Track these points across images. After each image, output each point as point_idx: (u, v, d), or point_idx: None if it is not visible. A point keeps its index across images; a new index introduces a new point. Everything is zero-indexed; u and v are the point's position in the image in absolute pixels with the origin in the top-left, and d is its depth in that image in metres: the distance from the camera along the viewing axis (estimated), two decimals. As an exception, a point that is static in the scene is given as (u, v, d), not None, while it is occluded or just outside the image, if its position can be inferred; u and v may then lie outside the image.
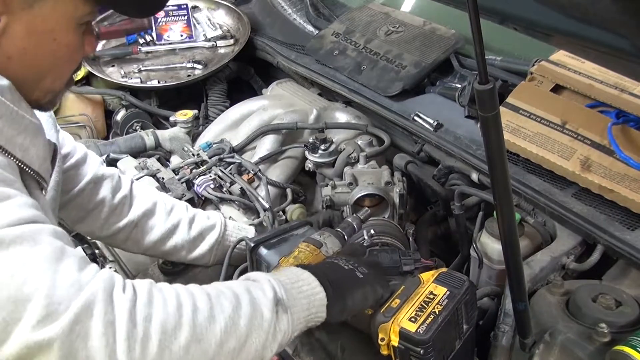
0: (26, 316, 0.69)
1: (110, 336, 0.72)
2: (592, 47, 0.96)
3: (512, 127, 1.45)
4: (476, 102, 0.83)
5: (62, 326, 0.69)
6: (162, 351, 0.74)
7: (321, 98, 2.03)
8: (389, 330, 0.99)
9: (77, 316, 0.70)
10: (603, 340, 1.06)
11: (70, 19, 0.95)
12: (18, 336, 0.69)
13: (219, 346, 0.80)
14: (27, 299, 0.70)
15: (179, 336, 0.76)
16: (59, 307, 0.70)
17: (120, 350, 0.72)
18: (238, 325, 0.83)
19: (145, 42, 2.37)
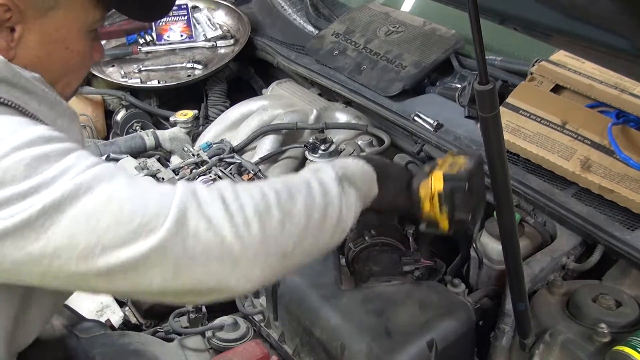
0: (131, 234, 0.73)
1: (215, 227, 0.76)
2: (592, 47, 0.96)
3: (512, 127, 1.45)
4: (476, 102, 0.83)
5: (168, 229, 0.73)
6: (263, 230, 0.79)
7: (321, 98, 2.03)
8: (430, 182, 1.05)
9: (178, 219, 0.74)
10: (603, 340, 1.06)
11: (81, 27, 0.98)
12: (129, 252, 0.73)
13: (307, 219, 0.84)
14: (128, 220, 0.73)
15: (272, 215, 0.80)
16: (158, 218, 0.74)
17: (229, 237, 0.76)
18: (315, 201, 0.87)
19: (145, 42, 2.36)
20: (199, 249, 0.75)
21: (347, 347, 1.12)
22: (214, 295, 0.80)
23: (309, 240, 0.86)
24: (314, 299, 1.22)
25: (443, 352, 1.12)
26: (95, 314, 1.54)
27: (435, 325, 1.14)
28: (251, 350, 1.23)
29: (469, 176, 1.03)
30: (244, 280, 0.79)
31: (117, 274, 0.74)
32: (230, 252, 0.76)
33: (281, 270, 0.84)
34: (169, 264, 0.74)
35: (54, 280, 0.76)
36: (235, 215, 0.78)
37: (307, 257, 0.88)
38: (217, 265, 0.76)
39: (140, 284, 0.76)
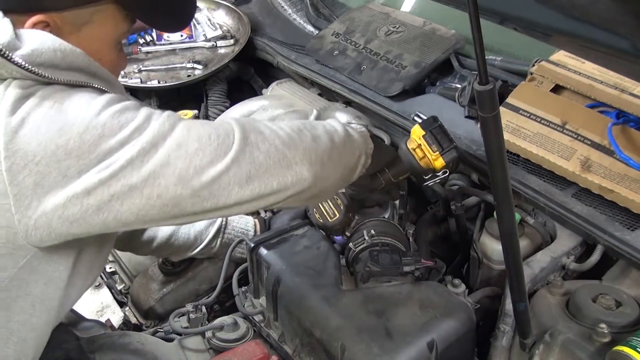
0: (214, 153, 0.90)
1: (268, 140, 0.96)
2: (592, 47, 0.96)
3: (512, 127, 1.45)
4: (476, 102, 0.83)
5: (238, 145, 0.92)
6: (303, 142, 1.00)
7: (321, 98, 2.03)
8: (411, 136, 1.31)
9: (242, 137, 0.93)
10: (603, 340, 1.06)
11: (112, 38, 1.08)
12: (215, 169, 0.90)
13: (330, 141, 1.06)
14: (208, 143, 0.90)
15: (305, 134, 1.02)
16: (228, 137, 0.93)
17: (280, 146, 0.97)
18: (331, 131, 1.08)
19: (145, 42, 2.36)
20: (262, 158, 0.94)
21: (347, 347, 1.12)
22: (276, 196, 0.97)
23: (336, 156, 1.06)
24: (314, 299, 1.22)
25: (443, 352, 1.12)
26: (95, 314, 1.54)
27: (436, 325, 1.14)
28: (251, 350, 1.24)
29: (435, 118, 1.32)
30: (297, 179, 0.97)
31: (205, 192, 0.89)
32: (284, 156, 0.96)
33: (322, 176, 1.02)
34: (243, 173, 0.92)
35: (150, 210, 0.88)
36: (278, 131, 0.99)
37: (338, 172, 1.08)
38: (276, 167, 0.95)
39: (222, 197, 0.91)
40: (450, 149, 1.27)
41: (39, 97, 0.88)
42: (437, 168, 1.29)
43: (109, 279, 1.67)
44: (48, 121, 0.86)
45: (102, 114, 0.87)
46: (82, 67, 0.94)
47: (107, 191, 0.85)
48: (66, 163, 0.85)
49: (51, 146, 0.85)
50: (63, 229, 0.88)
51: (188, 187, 0.88)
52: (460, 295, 1.24)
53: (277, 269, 1.29)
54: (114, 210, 0.87)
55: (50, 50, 0.91)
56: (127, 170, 0.85)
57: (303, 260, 1.31)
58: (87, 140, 0.85)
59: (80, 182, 0.85)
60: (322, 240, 1.37)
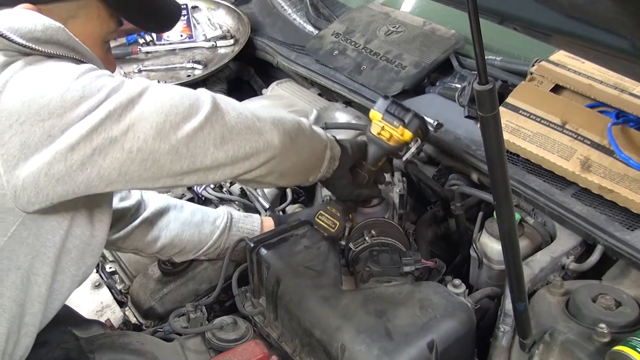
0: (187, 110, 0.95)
1: (237, 109, 1.02)
2: (592, 47, 0.96)
3: (511, 127, 1.45)
4: (476, 102, 0.83)
5: (210, 107, 0.97)
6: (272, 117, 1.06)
7: (321, 98, 2.03)
8: (373, 124, 1.37)
9: (212, 102, 0.99)
10: (603, 340, 1.06)
11: (97, 36, 1.14)
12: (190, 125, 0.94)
13: (298, 125, 1.12)
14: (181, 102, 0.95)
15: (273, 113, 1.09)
16: (199, 100, 0.97)
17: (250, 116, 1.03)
18: (297, 119, 1.14)
19: (145, 42, 2.37)
20: (233, 122, 0.99)
21: (347, 347, 1.12)
22: (249, 162, 1.02)
23: (303, 138, 1.12)
24: (314, 299, 1.22)
25: (443, 352, 1.12)
26: (95, 314, 1.54)
27: (436, 326, 1.14)
28: (251, 350, 1.23)
29: (385, 96, 1.38)
30: (267, 145, 1.03)
31: (182, 148, 0.93)
32: (253, 123, 1.02)
33: (291, 150, 1.09)
34: (217, 134, 0.96)
35: (131, 166, 0.91)
36: (247, 105, 1.05)
37: (305, 152, 1.14)
38: (247, 132, 1.00)
39: (198, 156, 0.95)
40: (412, 118, 1.33)
41: (21, 63, 0.92)
42: (407, 140, 1.35)
43: (109, 279, 1.67)
44: (30, 83, 0.90)
45: (81, 78, 0.92)
46: (61, 41, 0.98)
47: (90, 145, 0.88)
48: (50, 122, 0.88)
49: (34, 106, 0.88)
50: (49, 188, 0.90)
51: (166, 141, 0.92)
52: (460, 295, 1.24)
53: (277, 269, 1.29)
54: (97, 165, 0.90)
55: (30, 24, 0.95)
56: (107, 123, 0.89)
57: (303, 260, 1.31)
58: (68, 100, 0.89)
59: (64, 139, 0.88)
60: (322, 241, 1.37)
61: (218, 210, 1.52)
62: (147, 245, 1.45)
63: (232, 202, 1.68)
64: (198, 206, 1.54)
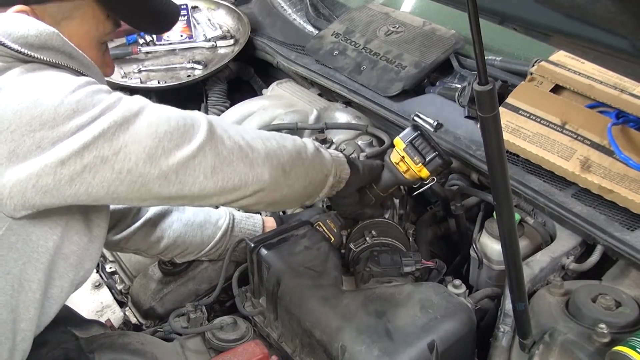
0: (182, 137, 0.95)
1: (233, 138, 1.01)
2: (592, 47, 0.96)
3: (511, 127, 1.45)
4: (476, 102, 0.83)
5: (205, 135, 0.97)
6: (266, 148, 1.05)
7: (321, 98, 2.03)
8: (394, 151, 1.34)
9: (209, 129, 0.98)
10: (603, 340, 1.06)
11: (93, 37, 1.12)
12: (182, 153, 0.94)
13: (297, 153, 1.11)
14: (176, 127, 0.95)
15: (271, 141, 1.08)
16: (195, 127, 0.97)
17: (244, 146, 1.02)
18: (300, 144, 1.14)
19: (145, 43, 2.37)
20: (225, 152, 0.98)
21: (348, 348, 1.12)
22: (236, 193, 1.01)
23: (300, 169, 1.11)
24: (315, 299, 1.22)
25: (444, 353, 1.12)
26: (95, 314, 1.54)
27: (436, 326, 1.14)
28: (251, 350, 1.23)
29: (415, 127, 1.33)
30: (257, 179, 1.02)
31: (172, 175, 0.93)
32: (246, 155, 1.01)
33: (283, 183, 1.08)
34: (208, 163, 0.96)
35: (120, 186, 0.91)
36: (244, 134, 1.04)
37: (300, 184, 1.12)
38: (238, 164, 1.00)
39: (187, 184, 0.95)
40: (433, 158, 1.28)
41: (19, 70, 0.92)
42: (423, 178, 1.32)
43: (109, 279, 1.67)
44: (25, 92, 0.89)
45: (76, 92, 0.90)
46: (56, 46, 0.97)
47: (80, 162, 0.88)
48: (40, 134, 0.87)
49: (26, 116, 0.87)
50: (37, 199, 0.90)
51: (156, 166, 0.91)
52: (460, 295, 1.24)
53: (277, 269, 1.29)
54: (85, 182, 0.89)
55: (24, 29, 0.94)
56: (100, 141, 0.88)
57: (303, 261, 1.31)
58: (61, 113, 0.88)
59: (54, 152, 0.87)
60: (323, 241, 1.37)
61: (220, 211, 1.52)
62: (150, 246, 1.45)
63: (232, 202, 1.68)
64: (196, 208, 1.54)
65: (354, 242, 1.38)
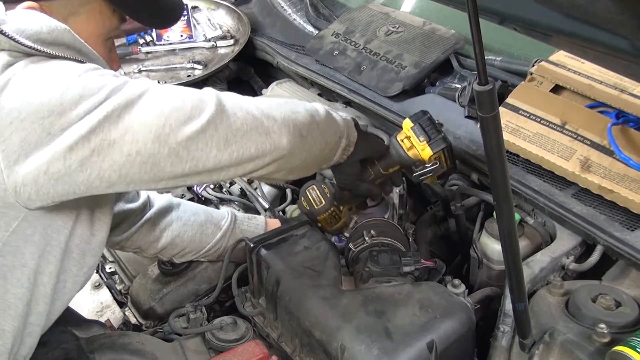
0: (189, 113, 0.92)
1: (246, 108, 0.98)
2: (592, 47, 0.96)
3: (511, 127, 1.45)
4: (476, 102, 0.83)
5: (214, 109, 0.94)
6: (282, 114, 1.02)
7: (321, 98, 2.03)
8: (402, 131, 1.32)
9: (217, 103, 0.95)
10: (603, 340, 1.06)
11: (100, 33, 1.13)
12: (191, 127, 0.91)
13: (311, 117, 1.08)
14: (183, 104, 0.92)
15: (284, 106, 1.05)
16: (203, 101, 0.94)
17: (258, 115, 0.99)
18: (312, 108, 1.11)
19: (145, 43, 2.37)
20: (239, 123, 0.96)
21: (347, 348, 1.12)
22: (254, 163, 0.99)
23: (315, 132, 1.07)
24: (314, 299, 1.22)
25: (443, 353, 1.12)
26: (95, 314, 1.54)
27: (436, 326, 1.14)
28: (251, 350, 1.23)
29: (424, 111, 1.32)
30: (275, 146, 1.00)
31: (183, 151, 0.91)
32: (261, 124, 0.98)
33: (301, 147, 1.05)
34: (220, 136, 0.93)
35: (131, 169, 0.90)
36: (257, 103, 1.01)
37: (317, 147, 1.09)
38: (253, 134, 0.97)
39: (200, 159, 0.93)
40: (438, 139, 1.28)
41: (24, 63, 0.93)
42: (425, 159, 1.29)
43: (109, 279, 1.67)
44: (32, 81, 0.90)
45: (82, 76, 0.91)
46: (66, 42, 0.97)
47: (88, 146, 0.88)
48: (49, 120, 0.88)
49: (35, 103, 0.88)
50: (49, 187, 0.90)
51: (165, 145, 0.90)
52: (460, 295, 1.24)
53: (277, 269, 1.29)
54: (96, 167, 0.89)
55: (37, 26, 0.95)
56: (105, 125, 0.88)
57: (303, 261, 1.31)
58: (68, 99, 0.88)
59: (63, 138, 0.87)
60: (322, 241, 1.38)
61: (222, 212, 1.52)
62: (149, 245, 1.45)
63: (231, 202, 1.68)
64: (202, 207, 1.54)
65: (354, 242, 1.38)
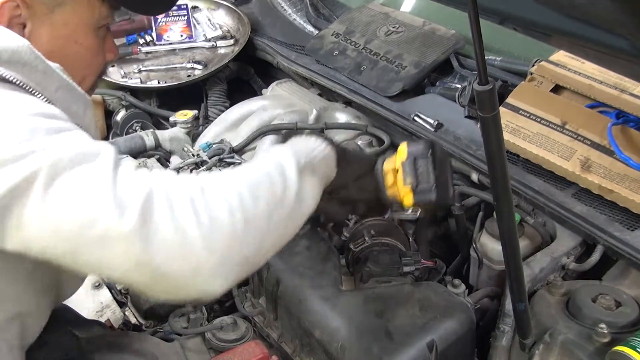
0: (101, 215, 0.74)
1: (180, 226, 0.75)
2: (592, 47, 0.96)
3: (512, 127, 1.45)
4: (476, 102, 0.83)
5: (135, 220, 0.74)
6: (232, 233, 0.78)
7: (321, 98, 2.03)
8: (394, 157, 1.07)
9: (142, 213, 0.74)
10: (603, 340, 1.06)
11: (89, 22, 1.05)
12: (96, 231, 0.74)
13: (267, 221, 0.84)
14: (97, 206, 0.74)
15: (236, 218, 0.79)
16: (125, 208, 0.74)
17: (194, 236, 0.75)
18: (277, 198, 0.87)
19: (145, 43, 2.36)
20: (162, 246, 0.74)
21: (347, 348, 1.12)
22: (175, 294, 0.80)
23: (270, 241, 0.86)
24: (314, 299, 1.22)
25: (443, 353, 1.12)
26: (95, 314, 1.54)
27: (436, 326, 1.14)
28: (251, 350, 1.23)
29: (431, 144, 1.05)
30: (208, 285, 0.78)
31: (85, 249, 0.75)
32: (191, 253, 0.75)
33: (242, 274, 0.83)
34: (132, 256, 0.74)
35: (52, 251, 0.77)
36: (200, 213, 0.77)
37: (267, 257, 0.88)
38: (179, 265, 0.75)
39: (106, 265, 0.76)
40: (427, 189, 1.04)
41: None
42: (404, 205, 1.07)
43: (108, 279, 1.67)
44: None
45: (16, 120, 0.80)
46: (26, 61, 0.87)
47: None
48: None
49: None
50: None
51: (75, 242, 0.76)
52: (460, 295, 1.24)
53: (277, 269, 1.29)
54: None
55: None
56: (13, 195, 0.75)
57: (303, 261, 1.31)
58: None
59: None
60: (322, 241, 1.37)
61: None
62: None
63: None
64: None
65: (354, 242, 1.38)
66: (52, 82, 0.91)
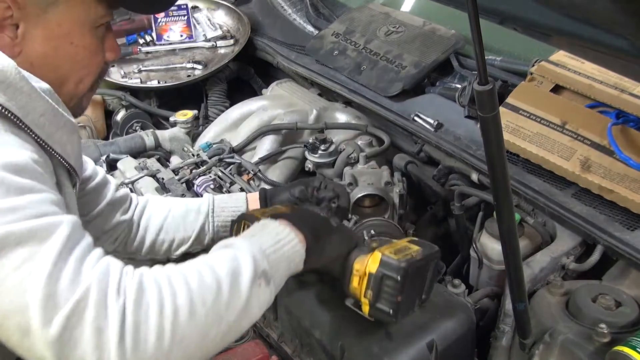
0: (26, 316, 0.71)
1: (100, 345, 0.72)
2: (592, 47, 0.96)
3: (512, 127, 1.45)
4: (476, 102, 0.83)
5: (55, 329, 0.71)
6: (154, 355, 0.74)
7: (321, 98, 2.03)
8: (367, 260, 1.00)
9: (69, 317, 0.71)
10: (603, 340, 1.06)
11: (84, 22, 1.00)
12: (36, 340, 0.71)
13: (203, 338, 0.79)
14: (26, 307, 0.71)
15: (164, 340, 0.75)
16: (56, 309, 0.71)
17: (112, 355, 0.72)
18: (220, 312, 0.81)
19: (145, 43, 2.37)
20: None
21: (347, 347, 1.12)
22: None
23: (199, 357, 0.80)
24: (314, 299, 1.22)
25: (443, 352, 1.12)
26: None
27: (435, 326, 1.14)
28: (251, 350, 1.23)
29: (406, 270, 0.97)
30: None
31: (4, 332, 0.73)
32: None
33: None
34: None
35: None
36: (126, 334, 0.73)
37: None
38: None
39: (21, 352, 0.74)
40: (384, 311, 0.99)
41: None
42: (362, 309, 1.03)
43: (108, 279, 1.66)
44: None
45: None
46: (13, 83, 0.84)
47: None
48: None
49: None
50: None
51: None
52: (460, 295, 1.24)
53: (277, 269, 1.28)
54: None
55: None
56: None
57: (303, 261, 1.31)
58: None
59: None
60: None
61: (199, 198, 1.46)
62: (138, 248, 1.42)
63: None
64: (178, 198, 1.49)
65: (354, 242, 1.37)
66: (37, 106, 0.88)
